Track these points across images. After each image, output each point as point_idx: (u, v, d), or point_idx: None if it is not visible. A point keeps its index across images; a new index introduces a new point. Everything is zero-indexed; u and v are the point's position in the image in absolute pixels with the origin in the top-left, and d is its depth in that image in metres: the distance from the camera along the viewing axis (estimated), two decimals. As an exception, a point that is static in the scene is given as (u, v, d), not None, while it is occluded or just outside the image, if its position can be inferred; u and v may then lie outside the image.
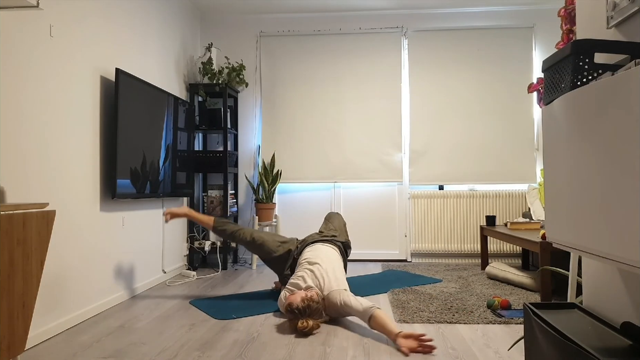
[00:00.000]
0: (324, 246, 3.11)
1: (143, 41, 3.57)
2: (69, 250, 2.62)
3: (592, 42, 1.15)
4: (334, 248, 3.15)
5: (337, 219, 3.55)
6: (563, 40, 1.95)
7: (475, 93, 4.68)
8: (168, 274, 3.94)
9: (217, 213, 4.45)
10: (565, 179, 1.23)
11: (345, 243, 3.33)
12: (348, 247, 3.37)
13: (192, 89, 4.46)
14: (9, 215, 1.63)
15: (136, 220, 3.40)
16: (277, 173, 4.60)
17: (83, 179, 2.77)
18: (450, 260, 4.68)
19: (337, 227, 3.45)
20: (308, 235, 3.33)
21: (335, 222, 3.51)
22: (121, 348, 2.25)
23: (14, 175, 2.20)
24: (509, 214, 4.60)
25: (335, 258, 3.02)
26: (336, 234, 3.34)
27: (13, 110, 2.21)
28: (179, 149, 3.94)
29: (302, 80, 4.80)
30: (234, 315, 2.77)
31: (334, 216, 3.60)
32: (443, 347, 2.23)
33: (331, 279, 2.75)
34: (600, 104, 1.05)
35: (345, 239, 3.37)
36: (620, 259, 0.99)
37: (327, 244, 3.17)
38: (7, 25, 2.17)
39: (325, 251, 3.04)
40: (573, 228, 1.19)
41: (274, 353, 2.17)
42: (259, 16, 4.88)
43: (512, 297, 3.11)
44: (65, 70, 2.60)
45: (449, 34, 4.73)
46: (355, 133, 4.74)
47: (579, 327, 1.26)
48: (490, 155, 4.64)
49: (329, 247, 3.12)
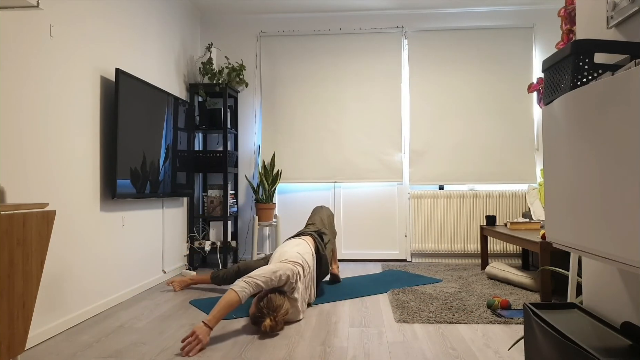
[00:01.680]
0: (288, 242, 3.12)
1: (143, 41, 3.58)
2: (69, 250, 2.62)
3: (592, 42, 1.15)
4: (302, 239, 3.15)
5: (318, 213, 3.63)
6: (563, 40, 1.95)
7: (476, 93, 4.68)
8: (168, 274, 3.93)
9: (217, 213, 4.46)
10: (565, 179, 1.23)
11: (318, 231, 3.35)
12: (322, 233, 3.36)
13: (192, 89, 4.46)
14: (9, 215, 1.63)
15: (136, 220, 3.40)
16: (277, 173, 4.60)
17: (83, 179, 2.77)
18: (450, 260, 4.68)
19: (315, 221, 3.50)
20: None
21: (315, 216, 3.58)
22: (121, 348, 2.25)
23: (14, 175, 2.20)
24: (509, 214, 4.60)
25: (291, 243, 3.02)
26: (310, 229, 3.37)
27: (13, 110, 2.21)
28: (179, 149, 3.94)
29: (302, 80, 4.80)
30: (234, 315, 2.77)
31: (315, 211, 3.68)
32: (443, 347, 2.23)
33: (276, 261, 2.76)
34: (600, 104, 1.05)
35: (318, 229, 3.38)
36: (620, 259, 0.99)
37: (293, 239, 3.19)
38: (7, 25, 2.17)
39: (282, 246, 3.06)
40: (573, 228, 1.19)
41: (274, 353, 2.17)
42: (259, 16, 4.88)
43: (512, 297, 3.11)
44: (65, 70, 2.60)
45: (449, 34, 4.73)
46: (355, 133, 4.74)
47: (579, 327, 1.26)
48: (490, 155, 4.64)
49: (293, 241, 3.11)
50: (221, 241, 4.42)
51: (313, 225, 3.48)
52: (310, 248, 3.06)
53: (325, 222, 3.54)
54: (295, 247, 2.97)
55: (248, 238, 4.81)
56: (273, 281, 2.50)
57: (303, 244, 3.05)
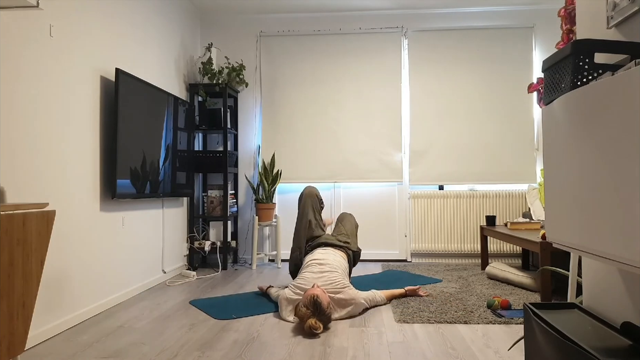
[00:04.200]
0: (334, 252, 3.17)
1: (143, 41, 3.57)
2: (69, 250, 2.62)
3: (592, 42, 1.15)
4: (343, 256, 3.20)
5: (350, 221, 3.60)
6: (563, 40, 1.95)
7: (476, 93, 4.68)
8: (168, 274, 3.93)
9: (217, 213, 4.46)
10: (565, 179, 1.23)
11: (356, 253, 3.39)
12: (358, 256, 3.43)
13: (192, 89, 4.46)
14: (9, 215, 1.63)
15: (136, 220, 3.40)
16: (277, 173, 4.59)
17: (83, 179, 2.76)
18: (450, 260, 4.68)
19: (348, 231, 3.48)
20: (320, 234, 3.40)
21: (347, 225, 3.53)
22: (121, 348, 2.25)
23: (14, 175, 2.20)
24: (509, 214, 4.60)
25: (343, 266, 3.08)
26: (349, 240, 3.38)
27: (13, 110, 2.21)
28: (179, 149, 3.94)
29: (302, 80, 4.80)
30: (234, 315, 2.77)
31: (346, 218, 3.62)
32: (443, 347, 2.23)
33: (342, 280, 2.84)
34: (600, 104, 1.05)
35: (357, 248, 3.42)
36: (620, 259, 0.99)
37: (338, 249, 3.22)
38: (7, 25, 2.17)
39: (334, 256, 3.09)
40: (573, 228, 1.19)
41: (274, 353, 2.16)
42: (259, 16, 4.88)
43: (512, 297, 3.11)
44: (65, 70, 2.60)
45: (449, 34, 4.73)
46: (355, 133, 4.74)
47: (579, 327, 1.26)
48: (490, 155, 4.64)
49: (338, 253, 3.18)
50: (221, 241, 4.42)
51: (347, 236, 3.45)
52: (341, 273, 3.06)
53: (355, 236, 3.53)
54: (346, 277, 3.04)
55: (248, 238, 4.81)
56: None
57: (346, 273, 3.08)
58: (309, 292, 2.52)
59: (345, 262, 3.15)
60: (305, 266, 3.02)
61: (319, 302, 2.43)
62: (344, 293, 2.75)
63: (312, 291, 2.51)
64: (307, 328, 2.39)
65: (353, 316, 2.76)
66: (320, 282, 2.77)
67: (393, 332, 2.45)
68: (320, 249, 3.20)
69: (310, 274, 2.85)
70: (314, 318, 2.42)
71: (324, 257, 3.03)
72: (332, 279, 2.81)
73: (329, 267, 2.92)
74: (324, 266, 2.92)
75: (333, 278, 2.82)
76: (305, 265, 3.01)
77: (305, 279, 2.81)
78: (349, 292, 2.77)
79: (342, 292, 2.75)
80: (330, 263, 2.98)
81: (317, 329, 2.38)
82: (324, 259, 3.01)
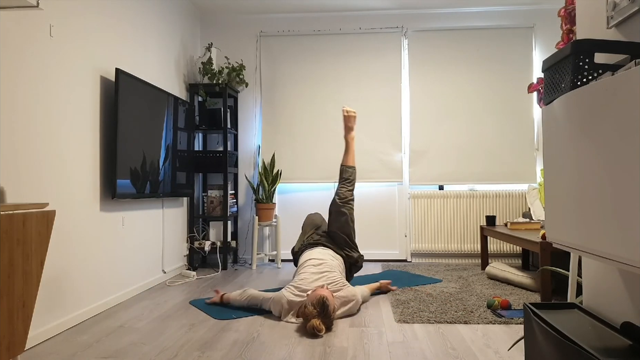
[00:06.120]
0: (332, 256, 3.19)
1: (143, 41, 3.57)
2: (69, 250, 2.62)
3: (592, 42, 1.15)
4: (341, 262, 3.22)
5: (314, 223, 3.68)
6: (563, 40, 1.95)
7: (476, 93, 4.68)
8: (168, 274, 3.93)
9: (217, 213, 4.46)
10: (565, 179, 1.23)
11: (357, 261, 3.37)
12: (359, 265, 3.41)
13: (192, 89, 4.46)
14: (9, 215, 1.63)
15: (136, 220, 3.40)
16: (277, 173, 4.59)
17: (83, 179, 2.76)
18: (450, 260, 4.68)
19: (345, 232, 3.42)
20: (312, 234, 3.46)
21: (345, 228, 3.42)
22: (121, 348, 2.25)
23: (14, 175, 2.20)
24: (509, 214, 4.60)
25: (340, 268, 3.12)
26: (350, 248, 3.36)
27: (13, 110, 2.21)
28: (179, 149, 3.94)
29: (302, 80, 4.80)
30: (234, 315, 2.77)
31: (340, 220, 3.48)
32: (443, 347, 2.23)
33: (341, 279, 2.89)
34: (600, 103, 1.05)
35: (358, 255, 3.38)
36: (620, 259, 0.99)
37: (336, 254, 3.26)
38: (7, 25, 2.17)
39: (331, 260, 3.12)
40: (573, 228, 1.19)
41: (274, 353, 2.17)
42: (259, 16, 4.88)
43: (512, 297, 3.11)
44: (65, 70, 2.60)
45: (449, 34, 4.73)
46: (355, 133, 4.73)
47: (579, 327, 1.26)
48: (490, 155, 4.64)
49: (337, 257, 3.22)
50: (221, 241, 4.42)
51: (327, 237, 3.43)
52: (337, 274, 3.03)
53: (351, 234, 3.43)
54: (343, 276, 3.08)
55: (248, 238, 4.81)
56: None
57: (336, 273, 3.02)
58: (318, 292, 2.51)
59: (342, 267, 3.18)
60: (302, 265, 3.02)
61: (327, 304, 2.43)
62: (345, 291, 2.79)
63: (321, 292, 2.52)
64: (310, 328, 2.39)
65: (351, 314, 2.77)
66: (321, 281, 2.78)
67: (393, 332, 2.45)
68: (320, 248, 3.21)
69: (309, 275, 2.85)
70: (318, 319, 2.41)
71: (322, 258, 3.06)
72: (332, 279, 2.83)
73: (327, 267, 2.95)
74: (322, 266, 2.94)
75: (333, 277, 2.85)
76: (303, 265, 3.01)
77: (305, 279, 2.81)
78: (348, 289, 2.82)
79: (342, 289, 2.79)
80: (328, 263, 3.01)
81: (320, 331, 2.38)
82: (322, 259, 3.04)
